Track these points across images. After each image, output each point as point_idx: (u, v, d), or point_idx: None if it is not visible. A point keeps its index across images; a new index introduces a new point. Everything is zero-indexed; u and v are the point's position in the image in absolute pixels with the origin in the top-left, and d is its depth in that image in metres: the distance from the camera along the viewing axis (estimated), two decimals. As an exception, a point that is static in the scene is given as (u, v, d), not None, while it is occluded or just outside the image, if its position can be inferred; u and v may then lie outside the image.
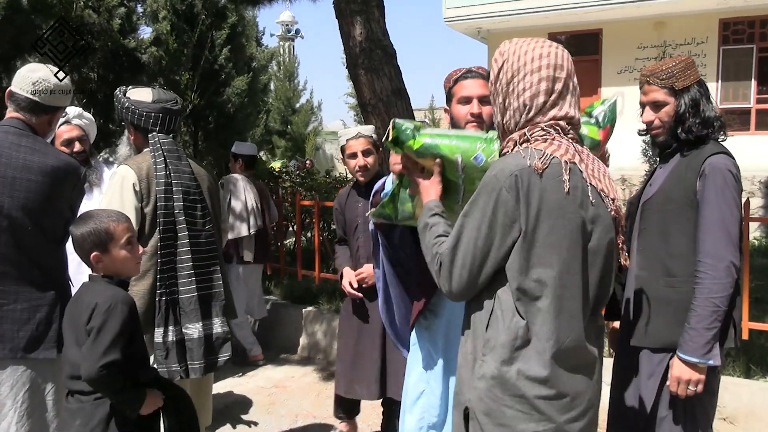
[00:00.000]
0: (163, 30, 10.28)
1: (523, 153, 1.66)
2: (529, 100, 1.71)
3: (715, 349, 2.13)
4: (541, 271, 1.64)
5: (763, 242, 9.13)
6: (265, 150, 23.65)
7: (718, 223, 2.14)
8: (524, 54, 1.72)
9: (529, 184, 1.62)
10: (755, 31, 12.55)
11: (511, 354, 1.65)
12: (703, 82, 2.33)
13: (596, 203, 1.68)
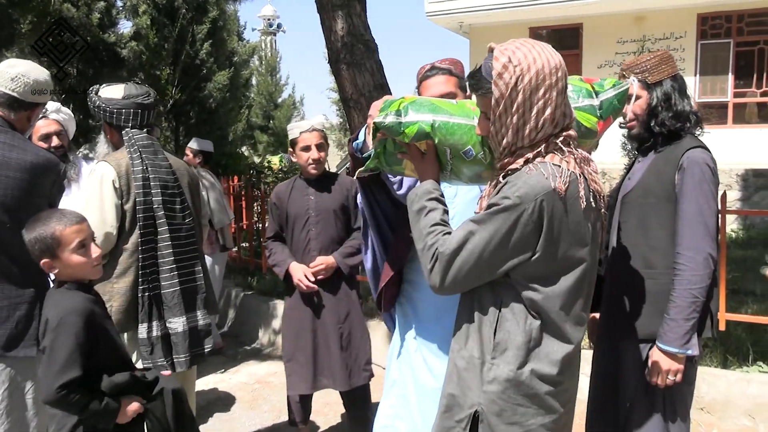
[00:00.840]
0: (143, 24, 10.18)
1: (544, 171, 1.62)
2: (550, 117, 1.64)
3: (693, 339, 2.18)
4: (555, 282, 1.69)
5: (740, 234, 9.26)
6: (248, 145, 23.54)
7: (696, 215, 2.17)
8: (542, 66, 1.62)
9: (553, 210, 1.62)
10: (732, 25, 12.68)
11: (526, 355, 1.70)
12: (679, 77, 2.35)
13: (596, 207, 1.72)
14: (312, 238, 3.42)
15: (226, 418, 4.28)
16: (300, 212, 3.44)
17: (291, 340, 3.44)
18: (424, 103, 1.90)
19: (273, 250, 3.53)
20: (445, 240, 1.72)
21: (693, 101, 2.36)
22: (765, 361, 3.94)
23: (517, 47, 1.65)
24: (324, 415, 4.18)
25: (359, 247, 3.38)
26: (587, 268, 1.73)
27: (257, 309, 6.05)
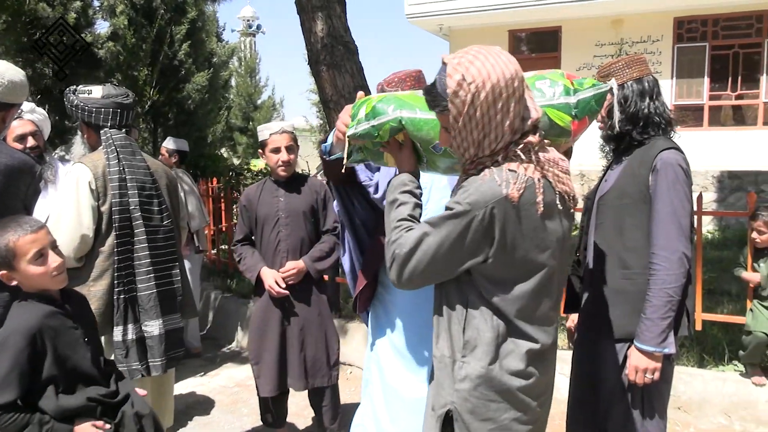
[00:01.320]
0: (121, 24, 10.08)
1: (498, 178, 1.63)
2: (509, 128, 1.64)
3: (670, 338, 2.20)
4: (513, 286, 1.70)
5: (716, 235, 9.38)
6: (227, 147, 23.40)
7: (670, 216, 2.20)
8: (497, 81, 1.60)
9: (505, 217, 1.63)
10: (708, 29, 12.86)
11: (496, 352, 1.72)
12: (645, 80, 2.37)
13: (563, 209, 1.73)
14: (282, 239, 3.42)
15: (205, 421, 4.24)
16: (270, 214, 3.43)
17: (258, 342, 3.44)
18: (390, 100, 1.91)
19: (243, 254, 3.52)
20: (405, 238, 1.72)
21: (662, 104, 2.38)
22: (740, 360, 3.99)
23: (470, 62, 1.63)
24: (303, 417, 4.17)
25: (328, 251, 3.44)
26: (551, 272, 1.74)
27: (236, 311, 6.01)
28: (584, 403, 2.49)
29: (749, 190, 9.37)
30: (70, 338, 2.08)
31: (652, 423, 2.34)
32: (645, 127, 2.34)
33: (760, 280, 3.84)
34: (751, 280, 3.91)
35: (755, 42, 12.57)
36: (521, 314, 1.72)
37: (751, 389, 3.80)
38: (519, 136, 1.66)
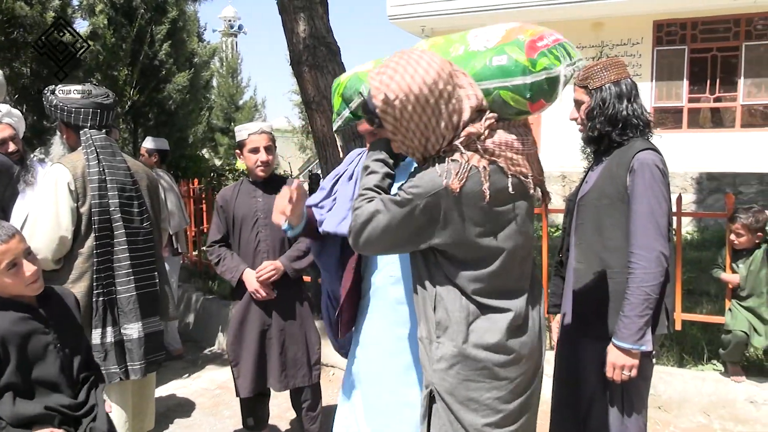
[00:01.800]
0: (100, 24, 9.98)
1: (439, 169, 1.70)
2: (444, 129, 1.70)
3: (647, 336, 2.23)
4: (476, 268, 1.77)
5: (695, 236, 9.48)
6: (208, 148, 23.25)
7: (648, 215, 2.23)
8: (419, 92, 1.66)
9: (446, 206, 1.69)
10: (687, 32, 13.02)
11: (467, 330, 1.77)
12: (623, 82, 2.39)
13: (518, 191, 1.77)
14: (261, 239, 3.40)
15: (186, 424, 4.21)
16: (248, 214, 3.40)
17: (237, 343, 3.42)
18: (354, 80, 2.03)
19: (222, 256, 3.46)
20: (362, 210, 1.78)
21: (639, 105, 2.41)
22: (719, 359, 4.03)
23: (391, 77, 1.67)
24: (285, 420, 4.15)
25: (305, 250, 3.40)
26: (511, 253, 1.79)
27: (218, 313, 5.97)
28: (567, 403, 2.52)
29: (727, 192, 9.49)
30: (39, 344, 2.05)
31: (631, 420, 2.37)
32: (624, 129, 2.37)
33: (738, 281, 3.89)
34: (730, 281, 3.95)
35: (733, 45, 12.75)
36: (485, 292, 1.77)
37: (730, 388, 3.85)
38: (462, 128, 1.71)
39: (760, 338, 3.76)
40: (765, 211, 3.86)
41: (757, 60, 12.62)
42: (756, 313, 3.80)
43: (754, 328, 3.78)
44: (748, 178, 10.27)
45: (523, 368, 1.83)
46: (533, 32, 1.77)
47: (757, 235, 3.81)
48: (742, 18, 12.58)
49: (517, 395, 1.83)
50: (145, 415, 2.96)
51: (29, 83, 8.32)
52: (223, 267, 3.43)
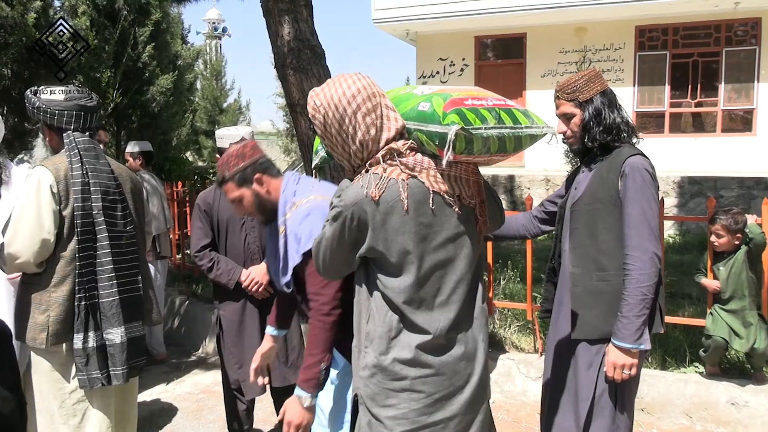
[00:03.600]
0: (83, 25, 9.88)
1: (362, 181, 1.86)
2: (362, 139, 1.86)
3: (645, 335, 2.30)
4: (399, 278, 1.87)
5: (677, 239, 9.58)
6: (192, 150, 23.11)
7: (640, 217, 2.30)
8: (338, 101, 1.86)
9: (369, 214, 1.83)
10: (668, 38, 13.17)
11: (388, 344, 1.89)
12: (608, 91, 2.49)
13: (437, 208, 1.86)
14: (251, 242, 3.40)
15: (170, 429, 4.17)
16: (233, 216, 3.36)
17: (238, 347, 3.39)
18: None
19: (215, 260, 3.40)
20: (317, 236, 1.99)
21: (625, 112, 2.50)
22: (701, 362, 4.07)
23: (322, 89, 1.91)
24: (270, 424, 4.13)
25: None
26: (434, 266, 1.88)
27: (202, 317, 5.93)
28: (562, 403, 2.56)
29: (709, 196, 9.59)
30: None
31: (622, 419, 2.44)
32: (618, 135, 2.45)
33: (718, 287, 3.93)
34: (709, 287, 4.00)
35: (714, 51, 12.91)
36: (410, 306, 1.88)
37: (712, 390, 3.89)
38: (384, 144, 1.86)
39: (741, 341, 3.80)
40: (744, 214, 3.91)
41: (737, 65, 12.80)
42: (738, 315, 3.84)
43: (735, 333, 3.82)
44: (728, 182, 10.40)
45: (443, 385, 1.91)
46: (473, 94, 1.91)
47: (736, 237, 3.86)
48: (723, 24, 12.75)
49: (435, 409, 1.91)
50: (128, 421, 2.93)
51: (10, 84, 8.22)
52: (218, 271, 3.37)
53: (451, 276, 1.92)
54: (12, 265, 2.60)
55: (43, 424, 2.68)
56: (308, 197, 2.39)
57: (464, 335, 1.94)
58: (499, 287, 5.55)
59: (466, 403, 1.94)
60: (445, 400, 1.92)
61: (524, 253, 4.66)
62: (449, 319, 1.91)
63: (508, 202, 11.47)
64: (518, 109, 1.96)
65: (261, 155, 2.56)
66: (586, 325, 2.43)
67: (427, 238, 1.86)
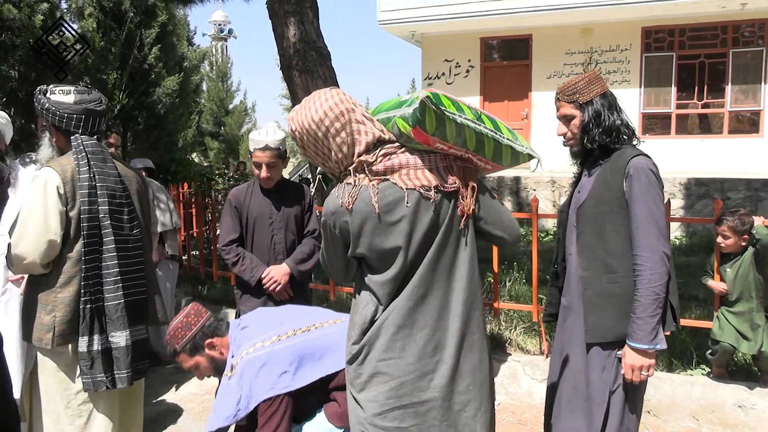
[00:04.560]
0: (89, 27, 9.94)
1: (337, 191, 2.04)
2: (335, 157, 2.04)
3: (660, 334, 2.30)
4: (383, 273, 2.02)
5: (683, 241, 9.54)
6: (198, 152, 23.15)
7: (648, 218, 2.31)
8: (308, 126, 2.01)
9: (345, 220, 2.01)
10: (675, 39, 13.12)
11: (361, 334, 2.06)
12: (609, 94, 2.49)
13: (413, 203, 1.99)
14: (277, 241, 3.53)
15: (175, 430, 4.18)
16: (262, 215, 3.53)
17: None
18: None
19: (241, 255, 3.54)
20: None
21: (625, 114, 2.50)
22: (708, 364, 4.05)
23: (296, 112, 2.06)
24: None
25: (309, 253, 3.56)
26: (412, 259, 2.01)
27: (207, 318, 5.93)
28: (571, 407, 2.55)
29: (715, 197, 9.56)
30: None
31: (631, 418, 2.45)
32: (618, 137, 2.45)
33: (724, 289, 3.91)
34: (716, 289, 3.97)
35: (720, 52, 12.85)
36: (388, 295, 2.02)
37: (719, 392, 3.87)
38: (356, 158, 2.02)
39: (749, 343, 3.77)
40: (751, 215, 3.89)
41: (744, 67, 12.74)
42: (745, 318, 3.81)
43: (743, 335, 3.80)
44: (735, 183, 10.35)
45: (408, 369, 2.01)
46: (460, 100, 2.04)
47: (743, 238, 3.84)
48: (730, 25, 12.70)
49: (404, 393, 2.01)
50: (133, 422, 2.93)
51: (17, 86, 8.26)
52: (242, 266, 3.52)
53: (434, 265, 2.03)
54: (19, 265, 2.61)
55: (50, 424, 2.69)
56: (241, 354, 2.53)
57: (434, 323, 2.02)
58: (505, 289, 5.54)
59: (439, 388, 2.01)
60: (411, 384, 2.01)
61: (530, 254, 4.65)
62: (419, 306, 2.02)
63: (514, 204, 11.45)
64: (505, 125, 2.11)
65: (206, 319, 2.71)
66: (600, 328, 2.42)
67: (409, 233, 1.99)
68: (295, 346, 2.59)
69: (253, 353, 2.53)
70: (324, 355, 2.60)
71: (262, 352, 2.53)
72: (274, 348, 2.56)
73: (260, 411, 2.49)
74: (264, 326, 2.65)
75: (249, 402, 2.46)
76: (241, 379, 2.49)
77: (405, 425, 2.01)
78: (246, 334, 2.63)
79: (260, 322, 2.71)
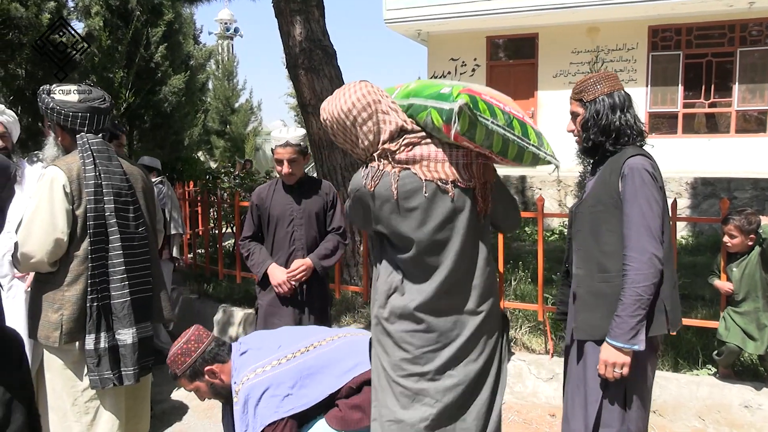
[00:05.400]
0: (96, 26, 9.97)
1: (362, 172, 2.21)
2: (362, 145, 2.19)
3: (639, 336, 2.30)
4: (401, 252, 2.20)
5: (690, 241, 9.51)
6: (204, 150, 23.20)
7: (639, 219, 2.31)
8: (338, 115, 2.18)
9: (367, 198, 2.19)
10: (682, 38, 13.07)
11: (386, 300, 2.22)
12: (616, 94, 2.46)
13: (430, 193, 2.13)
14: (297, 238, 3.61)
15: (181, 427, 4.19)
16: (284, 213, 3.61)
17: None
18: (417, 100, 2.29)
19: (251, 250, 3.68)
20: None
21: (631, 116, 2.47)
22: (714, 364, 4.04)
23: (327, 102, 2.22)
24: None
25: (333, 249, 3.67)
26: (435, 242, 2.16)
27: (213, 316, 5.95)
28: (575, 402, 2.58)
29: (722, 197, 9.52)
30: None
31: (632, 420, 2.43)
32: (617, 139, 2.45)
33: (731, 289, 3.90)
34: (722, 289, 3.96)
35: (728, 51, 12.80)
36: (409, 273, 2.19)
37: (725, 393, 3.85)
38: (381, 145, 2.16)
39: (756, 344, 3.76)
40: (758, 214, 3.88)
41: (751, 66, 12.68)
42: (751, 318, 3.80)
43: (749, 335, 3.78)
44: (742, 183, 10.31)
45: (430, 340, 2.18)
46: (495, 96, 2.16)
47: (750, 238, 3.82)
48: (737, 24, 12.64)
49: (425, 360, 2.18)
50: (140, 418, 2.94)
51: (24, 85, 8.30)
52: (251, 261, 3.67)
53: (450, 251, 2.17)
54: (26, 264, 2.62)
55: (56, 421, 2.70)
56: (242, 381, 2.57)
57: (458, 302, 2.21)
58: (510, 288, 5.53)
59: (452, 358, 2.19)
60: (431, 354, 2.18)
61: (535, 253, 4.64)
62: (444, 286, 2.17)
63: (520, 203, 11.43)
64: (533, 128, 2.19)
65: (206, 344, 2.71)
66: (590, 326, 2.45)
67: (423, 221, 2.14)
68: (296, 368, 2.61)
69: (254, 379, 2.55)
70: (324, 374, 2.62)
71: (263, 378, 2.55)
72: (275, 372, 2.58)
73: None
74: (263, 351, 2.67)
75: (255, 428, 2.48)
76: (245, 406, 2.51)
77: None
78: (245, 360, 2.65)
79: (260, 346, 2.73)
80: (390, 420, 2.21)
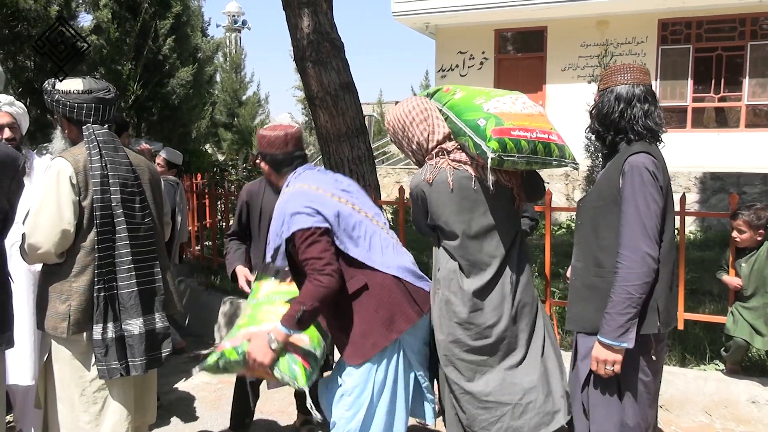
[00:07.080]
0: (104, 18, 9.97)
1: (422, 169, 2.65)
2: (418, 141, 2.66)
3: (629, 333, 2.30)
4: (453, 239, 2.62)
5: (698, 236, 9.47)
6: (211, 143, 23.22)
7: (635, 217, 2.30)
8: (398, 117, 2.68)
9: (426, 193, 2.62)
10: (692, 31, 12.98)
11: (449, 285, 2.61)
12: (627, 87, 2.39)
13: (479, 189, 2.58)
14: None
15: (188, 418, 4.21)
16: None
17: None
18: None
19: (228, 249, 3.65)
20: None
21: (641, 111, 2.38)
22: (722, 359, 4.03)
23: (392, 109, 2.73)
24: (288, 414, 4.16)
25: None
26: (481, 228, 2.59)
27: (220, 308, 5.97)
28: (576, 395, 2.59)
29: (731, 192, 9.47)
30: None
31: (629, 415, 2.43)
32: (617, 132, 2.42)
33: (739, 284, 3.87)
34: (730, 284, 3.94)
35: (738, 45, 12.71)
36: (463, 258, 2.60)
37: (732, 388, 3.84)
38: (435, 144, 2.63)
39: (764, 339, 3.74)
40: (767, 210, 3.85)
41: (762, 60, 12.59)
42: (760, 313, 3.78)
43: (757, 330, 3.77)
44: (752, 178, 10.25)
45: (488, 317, 2.58)
46: (520, 124, 2.49)
47: (759, 233, 3.80)
48: (748, 17, 12.54)
49: (484, 335, 2.58)
50: (146, 409, 2.96)
51: (33, 76, 8.32)
52: (226, 259, 3.65)
53: (494, 237, 2.61)
54: (33, 255, 2.63)
55: (65, 411, 2.72)
56: (293, 186, 2.64)
57: (503, 281, 2.60)
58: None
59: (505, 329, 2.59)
60: (490, 328, 2.58)
61: (542, 248, 4.63)
62: (493, 269, 2.59)
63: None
64: (557, 144, 2.54)
65: (276, 150, 2.74)
66: (581, 318, 2.47)
67: (471, 210, 2.57)
68: (347, 208, 2.59)
69: (307, 188, 2.56)
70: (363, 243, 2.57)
71: (315, 193, 2.54)
72: (326, 198, 2.56)
73: (298, 240, 2.46)
74: (309, 176, 2.67)
75: (288, 232, 2.47)
76: (280, 212, 2.56)
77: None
78: (304, 176, 2.67)
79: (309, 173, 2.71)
80: (461, 393, 2.59)
